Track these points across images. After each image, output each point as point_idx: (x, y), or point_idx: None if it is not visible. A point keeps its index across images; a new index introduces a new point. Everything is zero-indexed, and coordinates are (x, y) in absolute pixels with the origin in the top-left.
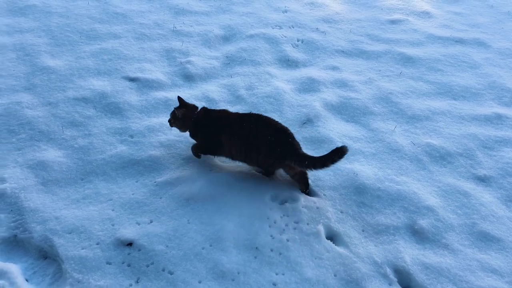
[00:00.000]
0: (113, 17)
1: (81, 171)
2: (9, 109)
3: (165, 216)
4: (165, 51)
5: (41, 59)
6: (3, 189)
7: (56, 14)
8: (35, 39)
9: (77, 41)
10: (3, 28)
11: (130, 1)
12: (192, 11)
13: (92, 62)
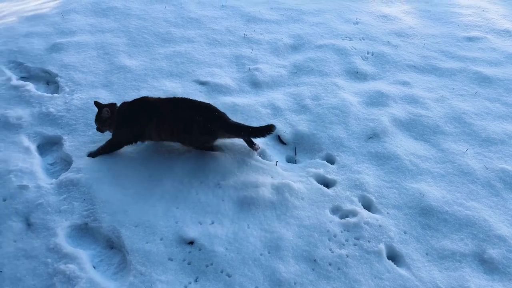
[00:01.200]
0: (187, 22)
1: (150, 168)
2: (88, 103)
3: (226, 218)
4: (234, 57)
5: (119, 58)
6: (78, 179)
7: (135, 17)
8: (114, 39)
9: (153, 43)
10: (87, 27)
11: (204, 7)
12: (263, 19)
13: (166, 64)
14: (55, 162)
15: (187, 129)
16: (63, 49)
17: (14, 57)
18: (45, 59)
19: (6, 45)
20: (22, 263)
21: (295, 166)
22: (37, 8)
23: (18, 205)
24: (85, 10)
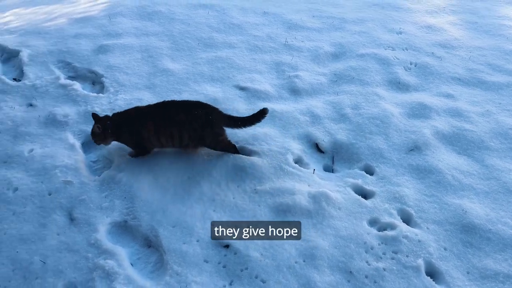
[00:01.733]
0: (229, 28)
1: (189, 170)
2: (131, 104)
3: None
4: (275, 64)
5: (162, 62)
6: (120, 177)
7: (179, 21)
8: (158, 43)
9: (195, 48)
10: (132, 30)
11: (246, 14)
12: (305, 27)
13: (207, 68)
14: (98, 160)
15: (187, 127)
16: (109, 51)
17: (63, 57)
18: (92, 60)
19: (56, 45)
20: (64, 256)
21: (332, 175)
22: (86, 10)
23: (62, 199)
24: (131, 13)
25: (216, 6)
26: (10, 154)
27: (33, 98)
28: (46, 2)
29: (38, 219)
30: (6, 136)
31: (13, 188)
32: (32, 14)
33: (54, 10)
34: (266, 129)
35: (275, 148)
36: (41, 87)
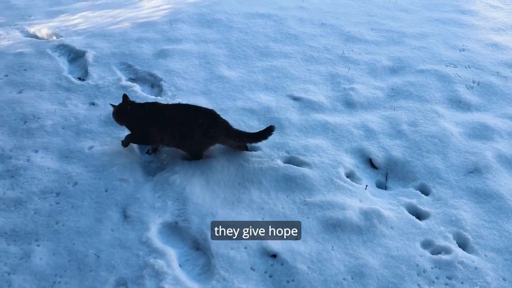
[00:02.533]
0: (286, 38)
1: (240, 176)
2: None
3: (310, 236)
4: (330, 75)
5: (219, 68)
6: (173, 179)
7: (236, 29)
8: (216, 50)
9: (251, 56)
10: (192, 37)
11: (304, 24)
12: (362, 40)
13: (262, 77)
14: (153, 161)
15: (189, 133)
16: (168, 56)
17: (125, 60)
18: (152, 63)
19: (119, 48)
20: (117, 252)
21: (385, 193)
22: (149, 15)
23: (118, 196)
24: (191, 20)
25: (274, 16)
26: (72, 150)
27: (96, 97)
28: (112, 7)
29: (94, 214)
30: (69, 132)
31: (73, 182)
32: (99, 18)
33: (119, 14)
34: (319, 140)
35: (327, 160)
36: (103, 87)
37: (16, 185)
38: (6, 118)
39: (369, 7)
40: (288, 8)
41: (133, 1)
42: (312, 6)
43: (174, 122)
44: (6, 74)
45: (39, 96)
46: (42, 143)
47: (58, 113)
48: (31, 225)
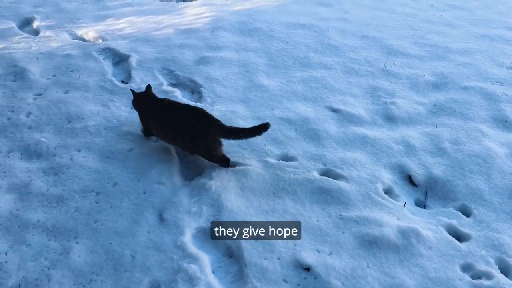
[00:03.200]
0: (326, 49)
1: (275, 185)
2: (226, 116)
3: (344, 252)
4: (370, 88)
5: (258, 77)
6: (209, 185)
7: (277, 39)
8: (256, 59)
9: (291, 66)
10: (232, 45)
11: (345, 36)
12: (405, 53)
13: (301, 87)
14: (190, 166)
15: (181, 133)
16: (209, 63)
17: (167, 65)
18: (193, 70)
19: (162, 53)
20: (152, 254)
21: (424, 212)
22: (192, 22)
23: (155, 199)
24: (232, 28)
25: (315, 27)
26: (113, 150)
27: None
28: (156, 13)
29: (131, 215)
30: (111, 133)
31: (113, 182)
32: (143, 23)
33: (163, 21)
34: (357, 154)
35: (364, 175)
36: None
37: (59, 182)
38: (52, 117)
39: (413, 21)
40: (329, 19)
41: (177, 8)
42: (354, 17)
43: (169, 120)
44: (54, 74)
45: (83, 97)
46: (85, 143)
47: (101, 114)
48: (71, 222)
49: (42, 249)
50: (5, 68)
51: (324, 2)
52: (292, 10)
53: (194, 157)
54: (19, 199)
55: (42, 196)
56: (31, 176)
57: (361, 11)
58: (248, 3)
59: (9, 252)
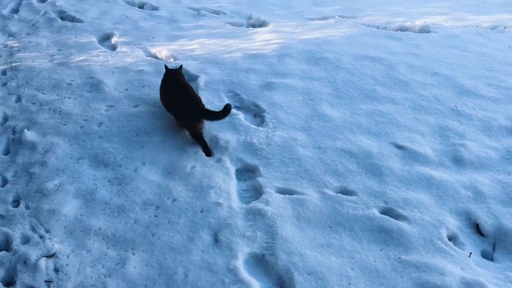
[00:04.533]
0: (394, 83)
1: (332, 219)
2: (286, 142)
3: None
4: (439, 127)
5: (321, 106)
6: (265, 210)
7: (343, 70)
8: (320, 88)
9: (356, 98)
10: (298, 72)
11: (414, 71)
12: (478, 94)
13: (365, 120)
14: (247, 189)
15: (175, 108)
16: (274, 89)
17: (233, 88)
18: (258, 94)
19: (229, 76)
20: (204, 275)
21: (491, 265)
22: (260, 48)
23: (211, 219)
24: (299, 56)
25: (383, 60)
26: (175, 167)
27: None
28: (227, 36)
29: (187, 232)
30: (174, 150)
31: (173, 198)
32: (214, 45)
33: (232, 44)
34: (421, 195)
35: (428, 218)
36: None
37: (122, 192)
38: (122, 128)
39: (489, 61)
40: (399, 53)
41: (247, 33)
42: (425, 53)
43: (171, 97)
44: (127, 88)
45: (152, 112)
46: (150, 157)
47: (167, 130)
48: (130, 233)
49: (100, 256)
50: (83, 78)
51: (394, 36)
52: (361, 42)
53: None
54: (84, 205)
55: (105, 204)
56: (97, 184)
57: (433, 47)
58: (317, 32)
59: (70, 255)
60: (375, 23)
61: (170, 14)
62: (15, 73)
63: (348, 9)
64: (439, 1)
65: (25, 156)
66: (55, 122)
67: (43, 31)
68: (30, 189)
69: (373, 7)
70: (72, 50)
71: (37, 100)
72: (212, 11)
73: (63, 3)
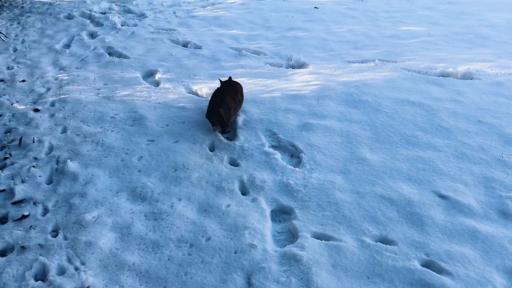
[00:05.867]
0: (436, 129)
1: (370, 269)
2: (323, 185)
3: None
4: (484, 178)
5: (360, 150)
6: (300, 256)
7: (383, 113)
8: (359, 131)
9: (396, 143)
10: (337, 114)
11: (457, 118)
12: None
13: (406, 166)
14: (282, 231)
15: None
16: (311, 130)
17: (271, 127)
18: (295, 134)
19: (267, 115)
20: None
21: None
22: (299, 89)
23: (245, 261)
24: (338, 98)
25: (425, 106)
26: (210, 204)
27: (240, 158)
28: (266, 77)
29: (220, 273)
30: (211, 187)
31: (207, 237)
32: (253, 85)
33: (271, 84)
34: (465, 249)
35: (473, 274)
36: (248, 150)
37: (157, 228)
38: (160, 163)
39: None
40: (441, 99)
41: (286, 74)
42: (469, 100)
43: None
44: (168, 123)
45: (191, 148)
46: (186, 193)
47: (205, 167)
48: (163, 270)
49: None
50: (127, 112)
51: (436, 82)
52: (402, 86)
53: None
54: (120, 239)
55: (140, 239)
56: (133, 218)
57: (477, 95)
58: (356, 75)
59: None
60: (416, 68)
61: (212, 53)
62: (63, 105)
63: (388, 53)
64: (482, 47)
65: (67, 187)
66: (97, 154)
67: (92, 66)
68: (69, 220)
69: (414, 52)
70: (117, 84)
71: (82, 132)
72: (253, 51)
73: (112, 39)
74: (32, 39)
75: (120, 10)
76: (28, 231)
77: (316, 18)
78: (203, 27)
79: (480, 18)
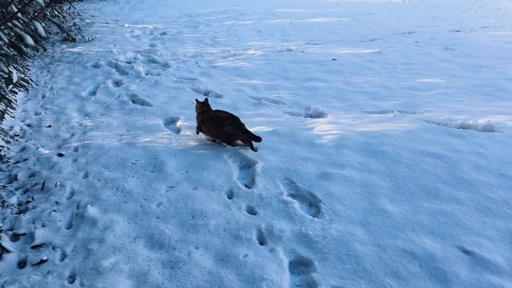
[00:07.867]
0: (458, 182)
1: None
2: (343, 237)
3: None
4: (510, 233)
5: (381, 201)
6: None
7: (403, 165)
8: (379, 181)
9: (417, 195)
10: (356, 164)
11: (480, 171)
12: None
13: (428, 219)
14: (301, 284)
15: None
16: (330, 179)
17: (289, 175)
18: (314, 183)
19: (286, 163)
20: None
21: None
22: (317, 137)
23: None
24: (357, 148)
25: (446, 158)
26: (228, 253)
27: (258, 206)
28: (285, 125)
29: None
30: (228, 236)
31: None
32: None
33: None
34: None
35: None
36: (266, 198)
37: (174, 277)
38: (179, 210)
39: None
40: (462, 151)
41: (305, 123)
42: (491, 153)
43: (209, 123)
44: (187, 170)
45: (209, 195)
46: (203, 241)
47: (223, 215)
48: None
49: None
50: (148, 159)
51: (456, 134)
52: (421, 137)
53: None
54: (136, 287)
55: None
56: (150, 266)
57: (499, 147)
58: (375, 125)
59: None
60: (435, 120)
61: (233, 102)
62: (86, 150)
63: (407, 105)
64: (502, 100)
65: (86, 232)
66: (117, 199)
67: (115, 112)
68: (86, 266)
69: (433, 103)
70: (139, 131)
71: (103, 177)
72: (272, 100)
73: (136, 87)
74: (60, 86)
75: (145, 60)
76: (45, 276)
77: (334, 69)
78: (224, 77)
79: (499, 71)
